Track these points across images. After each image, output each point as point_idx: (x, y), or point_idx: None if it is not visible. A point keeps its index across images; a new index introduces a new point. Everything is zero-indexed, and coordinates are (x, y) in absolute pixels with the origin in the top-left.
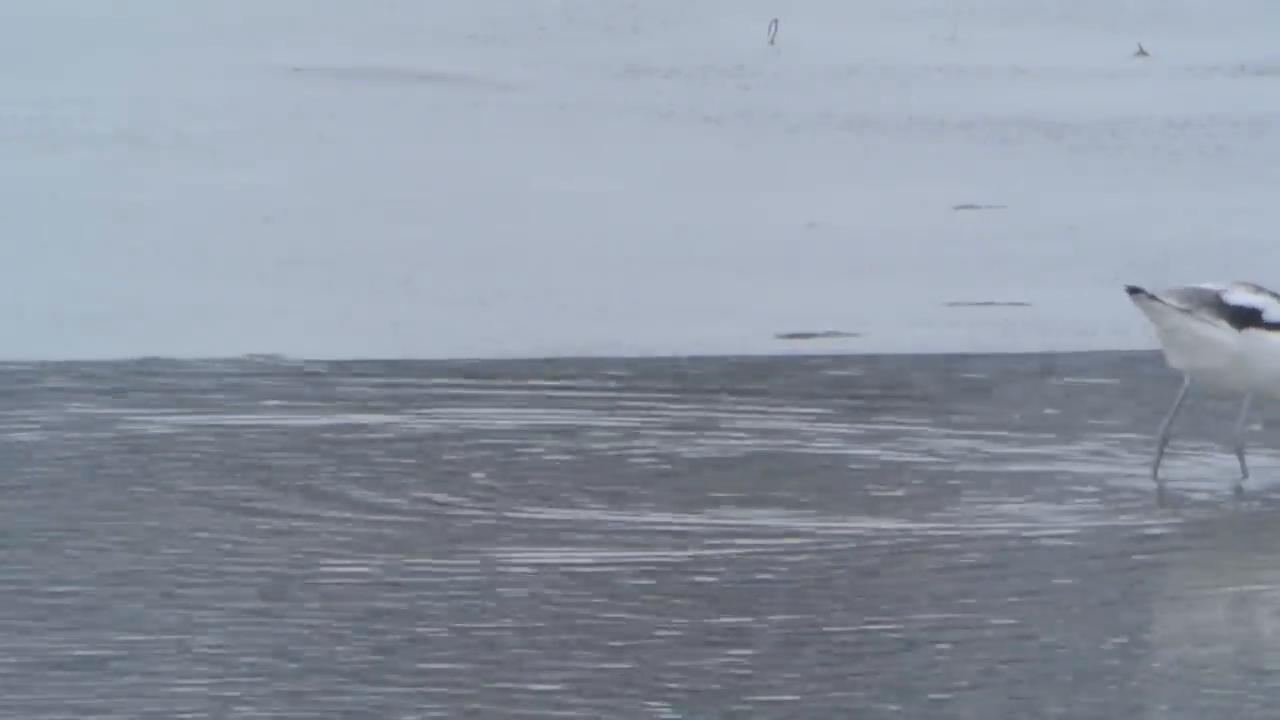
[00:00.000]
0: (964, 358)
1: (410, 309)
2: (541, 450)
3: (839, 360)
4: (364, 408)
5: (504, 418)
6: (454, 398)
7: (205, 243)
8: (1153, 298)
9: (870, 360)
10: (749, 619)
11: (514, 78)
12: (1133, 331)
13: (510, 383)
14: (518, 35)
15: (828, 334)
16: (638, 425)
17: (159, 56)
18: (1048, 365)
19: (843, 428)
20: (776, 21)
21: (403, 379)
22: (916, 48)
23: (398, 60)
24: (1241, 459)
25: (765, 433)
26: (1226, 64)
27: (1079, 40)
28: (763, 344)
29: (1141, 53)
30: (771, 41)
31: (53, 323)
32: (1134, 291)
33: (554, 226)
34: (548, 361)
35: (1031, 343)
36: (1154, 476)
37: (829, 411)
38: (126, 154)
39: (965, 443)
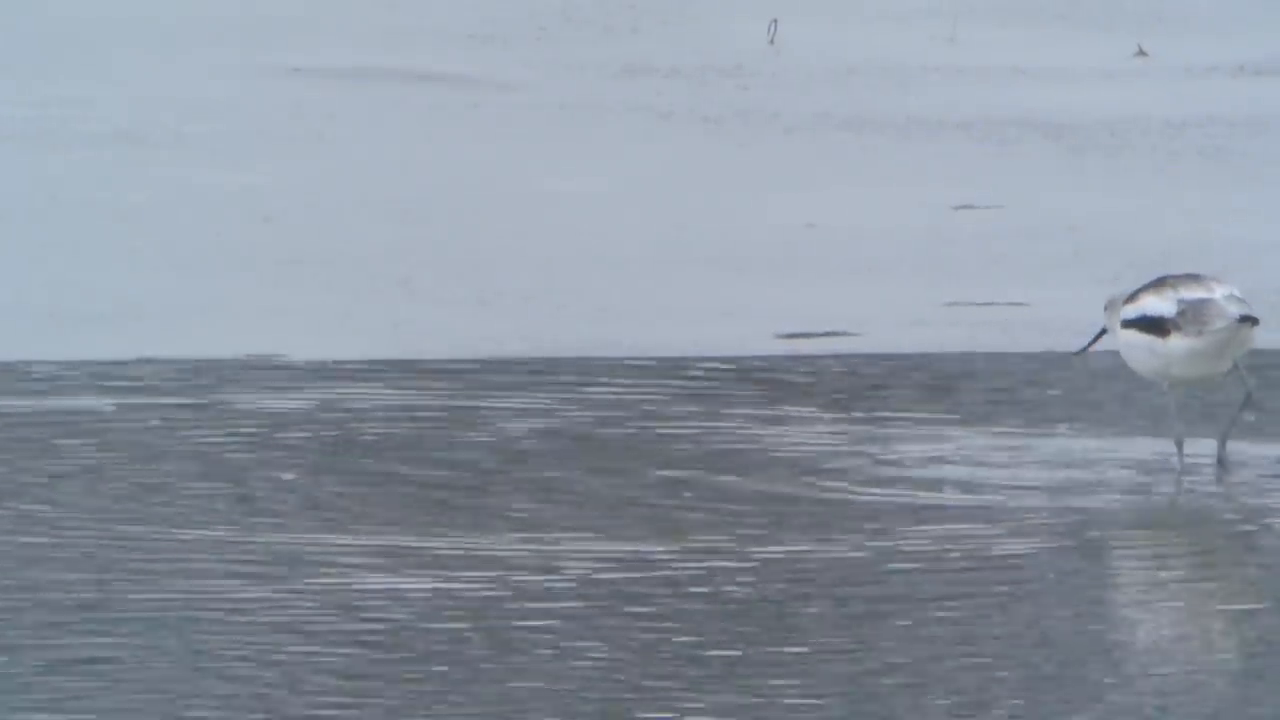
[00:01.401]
0: (961, 357)
1: (410, 309)
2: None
3: (837, 359)
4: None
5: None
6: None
7: (205, 243)
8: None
9: (870, 360)
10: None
11: (514, 78)
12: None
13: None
14: (518, 35)
15: (827, 334)
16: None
17: (159, 56)
18: (1051, 365)
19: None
20: (776, 21)
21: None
22: (915, 48)
23: (398, 60)
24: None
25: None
26: (1225, 64)
27: (1078, 40)
28: (762, 344)
29: (1141, 53)
30: (771, 41)
31: (53, 322)
32: (1251, 320)
33: (554, 226)
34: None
35: (1031, 343)
36: (1178, 482)
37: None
38: (126, 154)
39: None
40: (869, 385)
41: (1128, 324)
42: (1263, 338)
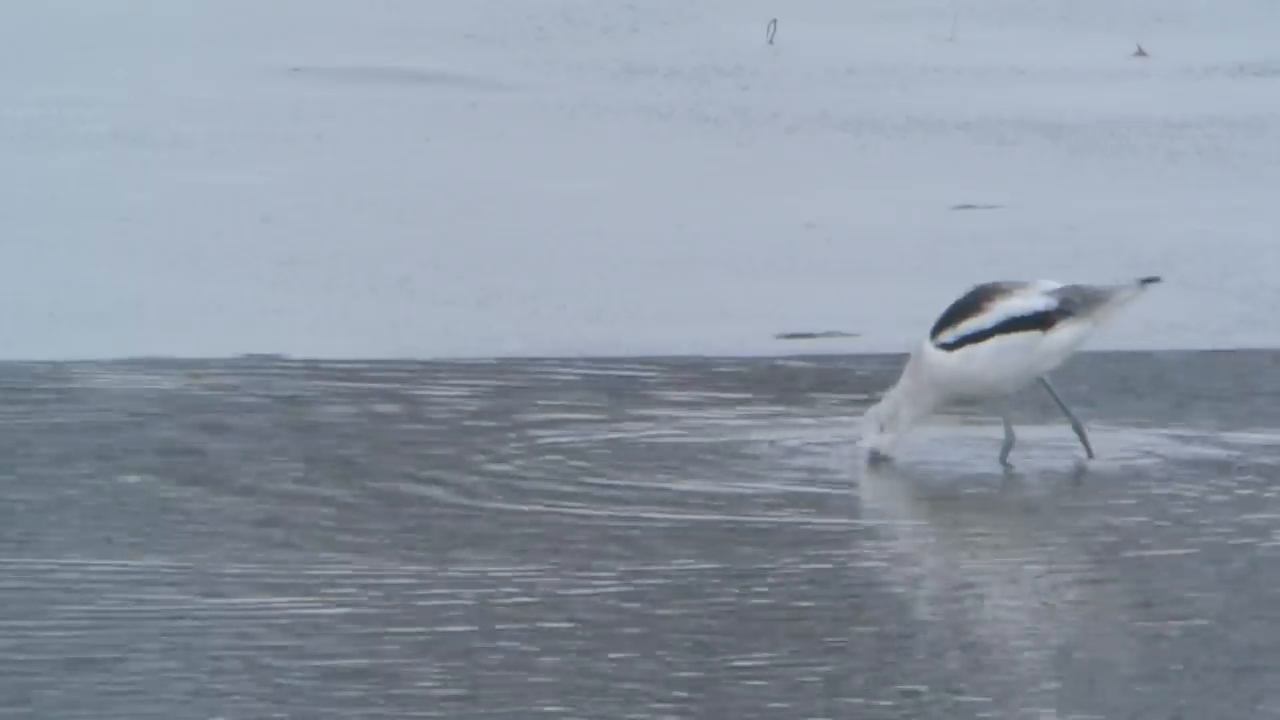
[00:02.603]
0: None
1: (410, 309)
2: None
3: (837, 360)
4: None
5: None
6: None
7: (205, 243)
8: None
9: (869, 360)
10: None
11: (514, 78)
12: (1130, 332)
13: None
14: (517, 35)
15: (827, 334)
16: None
17: (159, 56)
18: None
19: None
20: (775, 21)
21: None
22: (915, 48)
23: (398, 60)
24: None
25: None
26: (1225, 64)
27: (1077, 40)
28: (761, 344)
29: (1140, 53)
30: (770, 41)
31: (52, 322)
32: (1153, 280)
33: (554, 226)
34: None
35: None
36: (1089, 456)
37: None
38: (126, 154)
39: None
40: (863, 385)
41: (986, 333)
42: (1262, 338)
